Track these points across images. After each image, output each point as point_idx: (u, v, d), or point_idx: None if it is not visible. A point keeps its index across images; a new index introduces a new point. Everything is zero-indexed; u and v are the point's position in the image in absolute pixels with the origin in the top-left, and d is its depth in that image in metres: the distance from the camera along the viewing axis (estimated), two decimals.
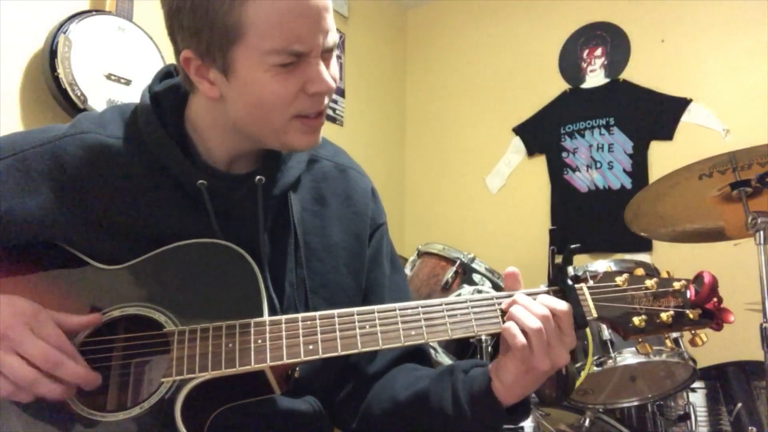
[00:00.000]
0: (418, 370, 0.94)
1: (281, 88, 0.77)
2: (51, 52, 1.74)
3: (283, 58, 0.75)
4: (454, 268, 1.83)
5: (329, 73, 0.80)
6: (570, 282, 0.82)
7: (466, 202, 3.21)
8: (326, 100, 0.83)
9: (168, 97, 0.87)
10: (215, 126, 0.85)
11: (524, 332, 0.77)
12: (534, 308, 0.78)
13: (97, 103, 1.79)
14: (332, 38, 0.79)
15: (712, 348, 1.33)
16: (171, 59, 0.94)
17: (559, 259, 0.83)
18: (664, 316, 0.82)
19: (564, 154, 2.93)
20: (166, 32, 0.83)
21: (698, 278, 0.83)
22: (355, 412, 0.95)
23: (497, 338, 0.90)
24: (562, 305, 0.79)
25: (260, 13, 0.73)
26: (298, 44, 0.75)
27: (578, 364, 1.66)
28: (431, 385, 0.88)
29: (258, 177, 0.85)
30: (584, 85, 2.91)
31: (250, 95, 0.78)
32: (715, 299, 0.82)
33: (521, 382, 0.80)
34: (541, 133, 3.00)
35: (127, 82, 1.88)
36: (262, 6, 0.73)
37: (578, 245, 0.82)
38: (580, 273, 1.75)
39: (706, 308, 0.82)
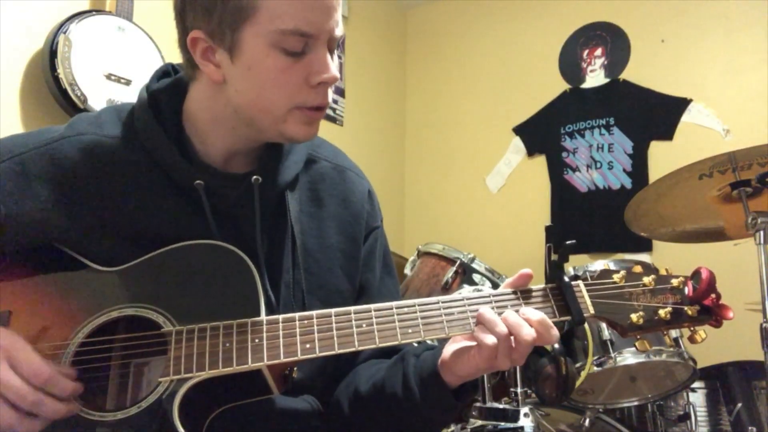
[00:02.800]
0: (381, 362, 0.94)
1: (285, 78, 0.78)
2: (51, 52, 1.74)
3: (291, 42, 0.77)
4: (454, 268, 1.83)
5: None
6: (566, 279, 0.82)
7: (466, 202, 3.21)
8: (329, 96, 0.83)
9: (166, 95, 0.87)
10: (214, 118, 0.85)
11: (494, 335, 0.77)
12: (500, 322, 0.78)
13: (97, 103, 1.79)
14: (340, 30, 0.82)
15: (712, 348, 1.33)
16: (171, 59, 0.94)
17: (555, 257, 0.83)
18: (662, 312, 0.81)
19: (564, 154, 2.93)
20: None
21: (696, 274, 0.83)
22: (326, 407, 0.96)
23: None
24: (537, 315, 0.78)
25: None
26: (308, 26, 0.77)
27: (578, 364, 1.66)
28: (386, 373, 0.89)
29: (254, 177, 0.85)
30: (584, 85, 2.91)
31: (253, 80, 0.79)
32: (713, 295, 0.81)
33: (477, 375, 0.81)
34: (541, 133, 3.00)
35: (127, 82, 1.88)
36: None
37: (573, 241, 0.82)
38: (580, 273, 1.74)
39: (705, 304, 0.82)
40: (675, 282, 0.84)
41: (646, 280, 0.84)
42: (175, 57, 0.97)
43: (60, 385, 0.72)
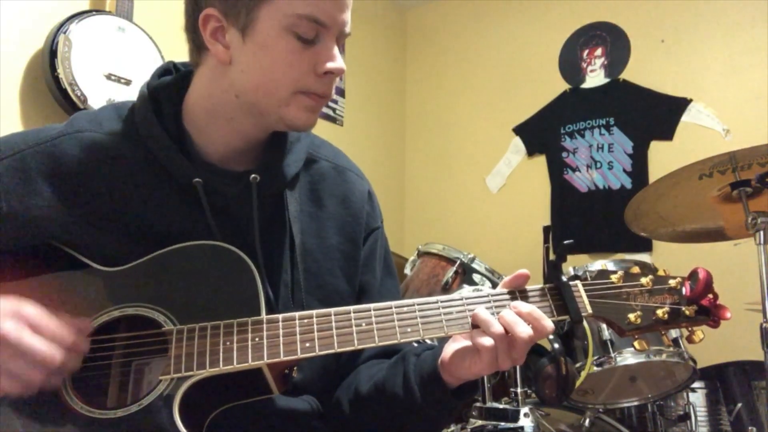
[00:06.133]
0: (382, 362, 0.95)
1: (294, 61, 0.80)
2: (51, 52, 1.74)
3: (305, 28, 0.79)
4: (454, 268, 1.83)
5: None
6: (564, 278, 0.83)
7: (466, 202, 3.21)
8: (333, 87, 0.85)
9: (166, 92, 0.88)
10: (214, 107, 0.85)
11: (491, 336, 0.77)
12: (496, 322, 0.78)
13: (97, 103, 1.80)
14: (349, 28, 0.84)
15: (712, 348, 1.34)
16: (170, 59, 0.94)
17: (553, 257, 0.83)
18: (659, 312, 0.82)
19: (564, 154, 2.93)
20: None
21: (693, 275, 0.84)
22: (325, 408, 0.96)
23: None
24: (526, 307, 0.79)
25: None
26: (323, 15, 0.79)
27: (578, 364, 1.66)
28: (387, 373, 0.89)
29: (253, 175, 0.85)
30: (584, 85, 2.92)
31: (263, 60, 0.80)
32: (710, 295, 0.82)
33: (478, 376, 0.81)
34: (541, 133, 3.00)
35: (127, 82, 1.88)
36: None
37: (571, 241, 0.83)
38: (579, 273, 1.74)
39: (702, 305, 0.83)
40: (672, 282, 0.85)
41: (644, 280, 0.84)
42: (175, 57, 0.97)
43: (83, 345, 0.76)
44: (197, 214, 0.85)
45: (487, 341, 0.76)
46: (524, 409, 1.55)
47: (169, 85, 0.88)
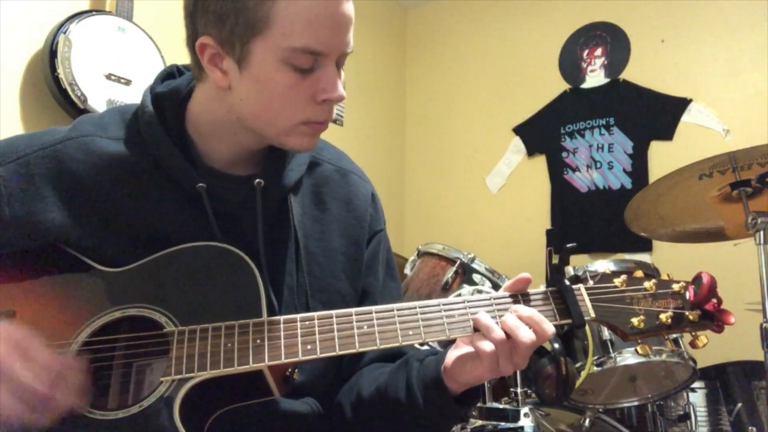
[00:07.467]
0: (384, 366, 0.94)
1: (292, 94, 0.79)
2: (51, 52, 1.74)
3: (301, 59, 0.77)
4: (454, 268, 1.83)
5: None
6: (567, 282, 0.82)
7: (466, 202, 3.21)
8: (333, 111, 0.84)
9: (170, 98, 0.87)
10: (216, 121, 0.85)
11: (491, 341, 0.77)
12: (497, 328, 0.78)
13: (97, 103, 1.79)
14: (350, 47, 0.82)
15: (712, 348, 1.33)
16: (171, 59, 0.94)
17: (556, 260, 0.83)
18: (663, 317, 0.82)
19: (564, 154, 2.93)
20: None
21: (697, 279, 0.83)
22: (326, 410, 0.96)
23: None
24: (527, 311, 0.79)
25: (290, 12, 0.75)
26: (320, 45, 0.77)
27: (578, 364, 1.66)
28: (389, 378, 0.89)
29: (257, 180, 0.86)
30: (584, 85, 2.92)
31: (260, 93, 0.79)
32: (714, 300, 0.82)
33: (482, 382, 0.81)
34: (541, 133, 3.01)
35: (127, 82, 1.88)
36: (294, 5, 0.75)
37: (574, 244, 0.83)
38: (580, 273, 1.75)
39: (706, 309, 0.82)
40: (676, 287, 0.84)
41: (647, 284, 0.84)
42: (175, 57, 0.97)
43: (70, 380, 0.72)
44: (201, 218, 0.85)
45: (487, 346, 0.76)
46: (524, 409, 1.55)
47: (173, 91, 0.88)
